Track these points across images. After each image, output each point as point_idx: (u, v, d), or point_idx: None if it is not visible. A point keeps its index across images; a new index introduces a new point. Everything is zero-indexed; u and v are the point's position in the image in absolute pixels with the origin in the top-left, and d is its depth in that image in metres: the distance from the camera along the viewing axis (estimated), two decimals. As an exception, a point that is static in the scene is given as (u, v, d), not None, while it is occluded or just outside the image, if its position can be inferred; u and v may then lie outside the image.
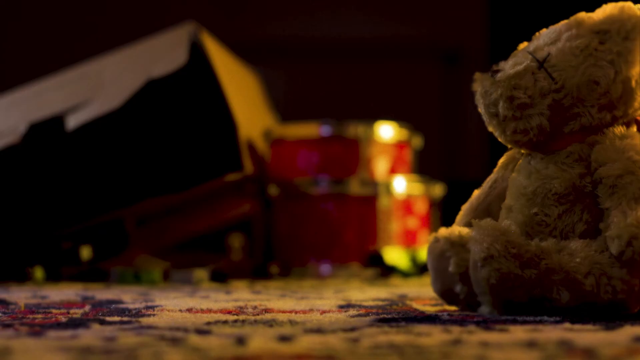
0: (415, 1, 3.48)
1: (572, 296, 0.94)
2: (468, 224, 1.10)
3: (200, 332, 0.81)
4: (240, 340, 0.74)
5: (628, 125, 1.01)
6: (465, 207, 1.12)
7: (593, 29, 1.00)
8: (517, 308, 0.97)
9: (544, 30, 1.03)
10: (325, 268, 2.06)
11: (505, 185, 1.08)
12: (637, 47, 0.99)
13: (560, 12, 1.22)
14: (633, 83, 1.00)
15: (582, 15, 1.01)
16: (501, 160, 1.09)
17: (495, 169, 1.10)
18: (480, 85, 1.01)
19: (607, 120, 1.00)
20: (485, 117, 1.02)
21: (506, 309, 0.98)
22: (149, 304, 1.19)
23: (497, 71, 1.01)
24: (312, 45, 3.40)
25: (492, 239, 0.95)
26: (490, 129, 1.03)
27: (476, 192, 1.12)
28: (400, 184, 2.15)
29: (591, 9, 1.03)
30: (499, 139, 1.03)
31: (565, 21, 1.02)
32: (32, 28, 3.24)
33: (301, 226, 2.12)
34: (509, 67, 1.01)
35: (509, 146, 1.05)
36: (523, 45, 1.04)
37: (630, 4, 1.00)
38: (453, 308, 1.10)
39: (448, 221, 1.19)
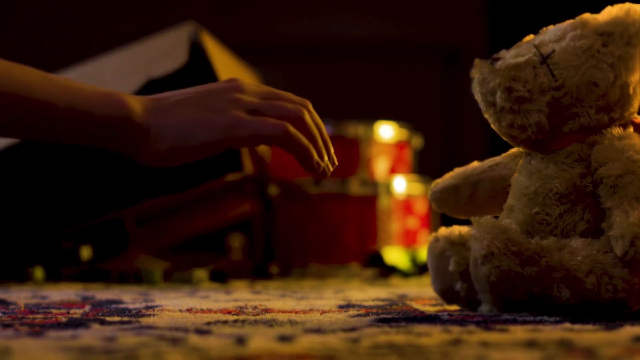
0: (415, 1, 3.48)
1: (572, 294, 0.94)
2: (451, 186, 1.11)
3: (200, 332, 0.81)
4: (240, 340, 0.74)
5: (625, 126, 1.01)
6: (458, 171, 1.12)
7: (597, 31, 1.00)
8: (517, 306, 0.97)
9: (551, 26, 1.03)
10: None
11: (504, 173, 1.07)
12: (638, 53, 0.99)
13: (560, 13, 1.22)
14: (631, 90, 1.00)
15: (587, 16, 1.01)
16: (512, 150, 1.08)
17: (503, 154, 1.09)
18: (478, 72, 1.01)
19: (604, 122, 1.00)
20: (482, 105, 1.02)
21: (506, 307, 0.98)
22: (149, 304, 1.19)
23: (497, 59, 1.00)
24: (311, 45, 3.40)
25: (493, 236, 0.95)
26: (485, 116, 1.03)
27: (475, 164, 1.11)
28: (400, 184, 2.15)
29: (593, 9, 1.02)
30: (493, 127, 1.02)
31: (571, 20, 1.02)
32: (32, 28, 3.24)
33: (301, 226, 2.12)
34: (510, 56, 1.00)
35: (505, 139, 1.04)
36: (529, 37, 1.03)
37: (636, 7, 1.00)
38: (453, 308, 1.10)
39: (448, 221, 1.19)
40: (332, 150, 0.94)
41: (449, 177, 1.12)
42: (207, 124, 0.88)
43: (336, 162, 0.95)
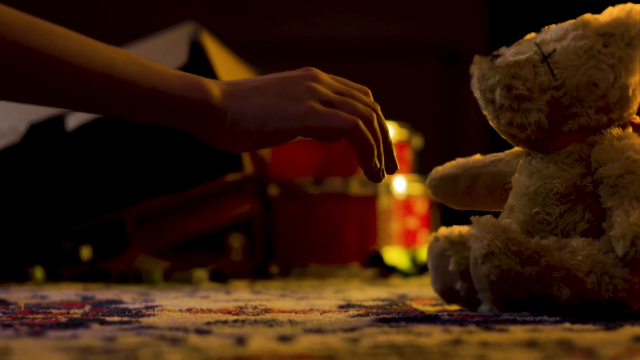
0: (415, 1, 3.48)
1: (572, 293, 0.94)
2: (450, 175, 1.10)
3: (200, 332, 0.81)
4: (240, 340, 0.74)
5: (624, 127, 1.01)
6: (460, 161, 1.11)
7: (598, 31, 1.00)
8: (517, 305, 0.97)
9: (553, 25, 1.03)
10: None
11: (505, 170, 1.07)
12: (639, 55, 0.99)
13: (560, 14, 1.22)
14: (630, 91, 1.00)
15: (589, 16, 1.01)
16: (516, 148, 1.08)
17: (506, 151, 1.09)
18: (478, 68, 1.01)
19: (603, 122, 1.00)
20: (480, 102, 1.02)
21: (506, 306, 0.98)
22: (149, 304, 1.19)
23: (497, 56, 1.00)
24: (311, 46, 3.40)
25: (493, 235, 0.95)
26: (484, 113, 1.02)
27: (478, 156, 1.11)
28: (400, 184, 2.15)
29: (594, 10, 1.02)
30: (491, 124, 1.02)
31: (573, 21, 1.02)
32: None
33: (301, 226, 2.12)
34: (510, 54, 1.00)
35: (504, 137, 1.04)
36: (530, 35, 1.03)
37: (637, 8, 1.00)
38: (453, 308, 1.10)
39: (448, 221, 1.19)
40: (394, 156, 0.95)
41: (450, 166, 1.12)
42: (282, 112, 0.89)
43: (398, 167, 0.96)
